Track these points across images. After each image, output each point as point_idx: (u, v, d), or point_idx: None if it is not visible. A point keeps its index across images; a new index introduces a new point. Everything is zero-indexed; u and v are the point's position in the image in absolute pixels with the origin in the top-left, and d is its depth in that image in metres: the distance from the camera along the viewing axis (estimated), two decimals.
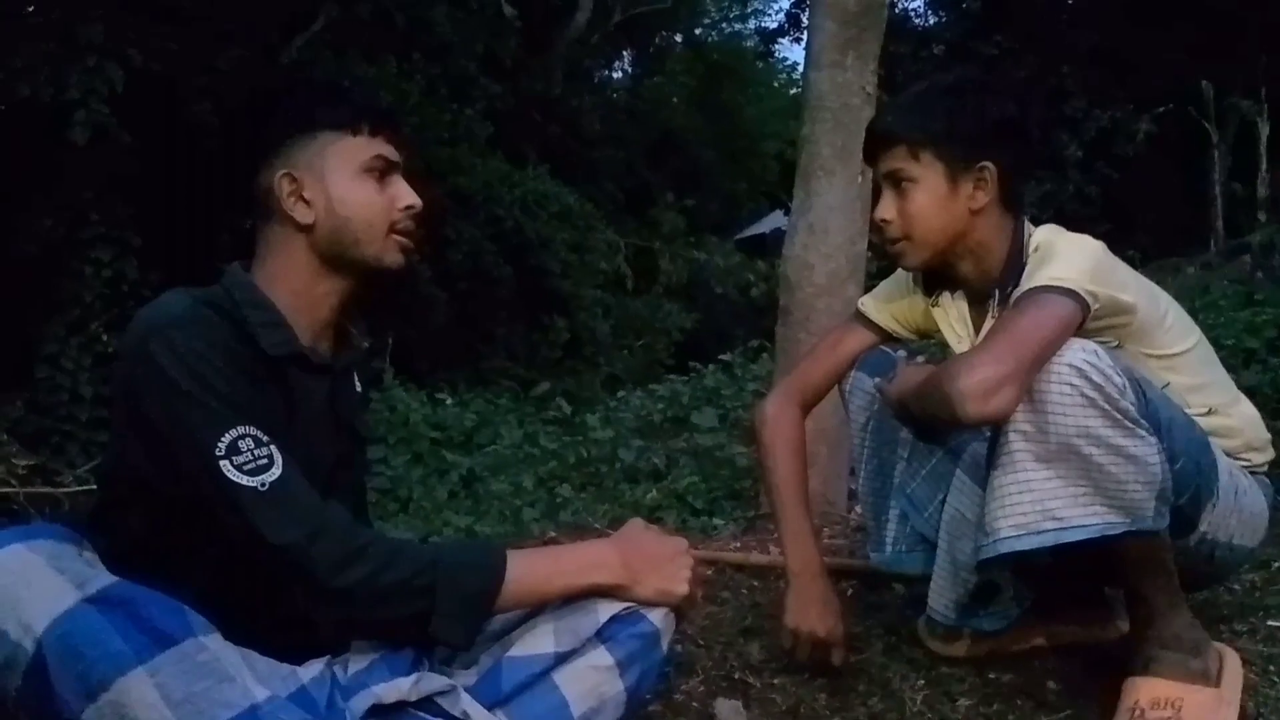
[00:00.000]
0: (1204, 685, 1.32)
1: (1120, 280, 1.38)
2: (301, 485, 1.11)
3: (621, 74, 19.86)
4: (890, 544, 1.63)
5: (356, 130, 1.25)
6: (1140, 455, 1.23)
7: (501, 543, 1.17)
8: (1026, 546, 1.25)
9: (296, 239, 1.24)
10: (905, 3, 15.82)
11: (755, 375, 5.96)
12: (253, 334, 1.18)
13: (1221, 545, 1.41)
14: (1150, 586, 1.33)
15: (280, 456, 1.10)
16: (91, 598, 0.99)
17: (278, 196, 1.23)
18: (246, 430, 1.10)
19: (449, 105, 10.57)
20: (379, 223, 1.24)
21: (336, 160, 1.24)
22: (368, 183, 1.25)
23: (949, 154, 1.43)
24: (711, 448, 4.29)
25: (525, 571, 1.16)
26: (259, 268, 1.25)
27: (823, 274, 2.73)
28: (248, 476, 1.08)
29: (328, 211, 1.23)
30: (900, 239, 1.48)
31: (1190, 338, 1.47)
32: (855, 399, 1.65)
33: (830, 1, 2.74)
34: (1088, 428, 1.22)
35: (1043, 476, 1.24)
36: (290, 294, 1.23)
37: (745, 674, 1.65)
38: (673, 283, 12.70)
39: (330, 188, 1.23)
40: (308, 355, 1.23)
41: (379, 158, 1.25)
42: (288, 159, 1.24)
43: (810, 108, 2.77)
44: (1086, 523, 1.24)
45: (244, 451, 1.09)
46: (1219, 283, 6.99)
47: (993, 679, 1.58)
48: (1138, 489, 1.24)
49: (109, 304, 7.05)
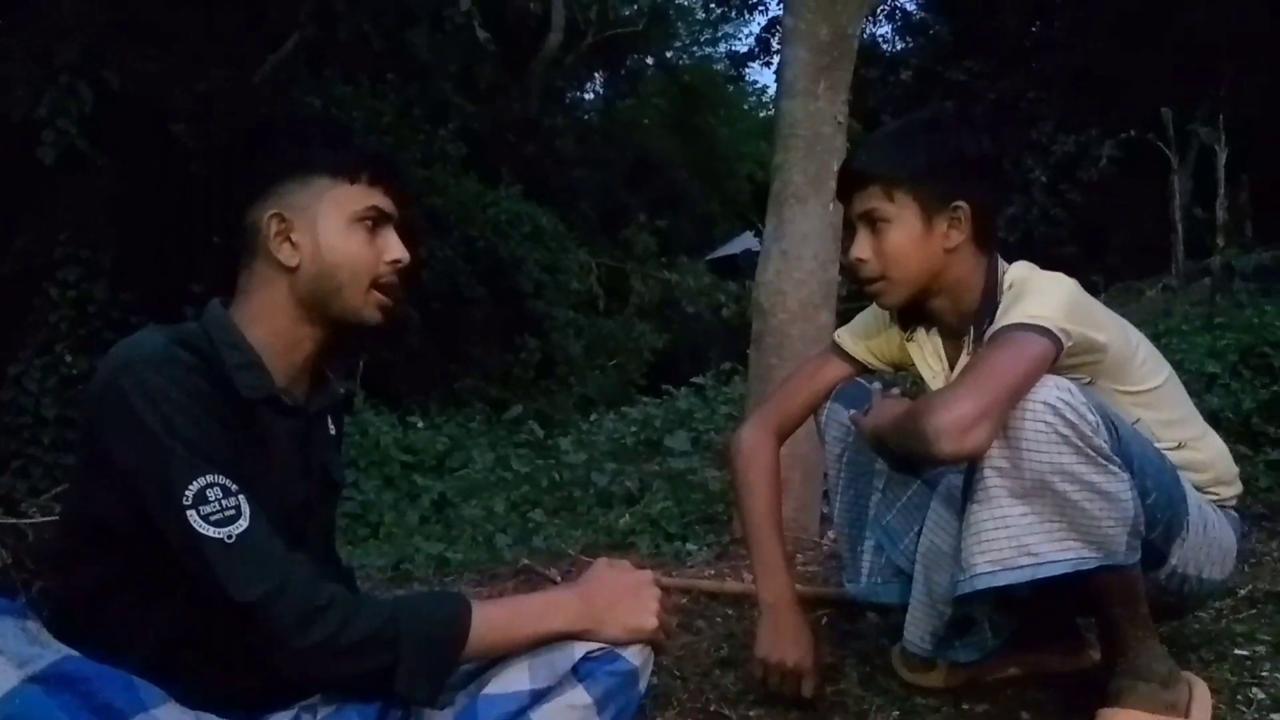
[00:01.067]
0: (1175, 716, 1.34)
1: (1094, 318, 1.40)
2: (267, 537, 1.09)
3: (594, 95, 19.96)
4: (866, 574, 1.64)
5: (355, 178, 1.23)
6: (1113, 491, 1.25)
7: (462, 595, 1.14)
8: (1003, 582, 1.26)
9: (279, 279, 1.22)
10: (874, 28, 16.06)
11: (728, 398, 5.97)
12: (228, 375, 1.16)
13: (1191, 578, 1.44)
14: (1122, 618, 1.35)
15: (248, 507, 1.08)
16: (35, 676, 0.94)
17: (264, 235, 1.21)
18: (215, 479, 1.07)
19: (424, 126, 10.56)
20: (363, 274, 1.23)
21: (330, 206, 1.22)
22: (358, 233, 1.23)
23: (924, 193, 1.44)
24: (684, 471, 4.28)
25: (488, 622, 1.14)
26: (239, 305, 1.23)
27: (795, 300, 2.75)
28: (214, 528, 1.05)
29: (313, 257, 1.21)
30: (877, 279, 1.48)
31: (1161, 374, 1.49)
32: (831, 430, 1.66)
33: (803, 31, 2.77)
34: (1062, 465, 1.24)
35: (1018, 512, 1.26)
36: (269, 334, 1.21)
37: (721, 705, 1.65)
38: (645, 303, 12.71)
39: (320, 233, 1.21)
40: (282, 398, 1.21)
41: (373, 208, 1.24)
42: (280, 198, 1.22)
43: (783, 135, 2.80)
44: (1061, 558, 1.25)
45: (211, 501, 1.06)
46: (1180, 306, 7.11)
47: (966, 709, 1.59)
48: (1110, 524, 1.26)
49: (74, 326, 6.94)
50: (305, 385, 1.28)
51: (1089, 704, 1.45)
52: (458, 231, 10.33)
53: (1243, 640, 1.68)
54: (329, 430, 1.35)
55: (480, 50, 10.10)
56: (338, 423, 1.38)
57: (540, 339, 10.69)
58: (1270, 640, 1.67)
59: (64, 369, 6.85)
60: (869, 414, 1.43)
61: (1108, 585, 1.32)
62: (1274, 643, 1.66)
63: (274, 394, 1.20)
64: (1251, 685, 1.52)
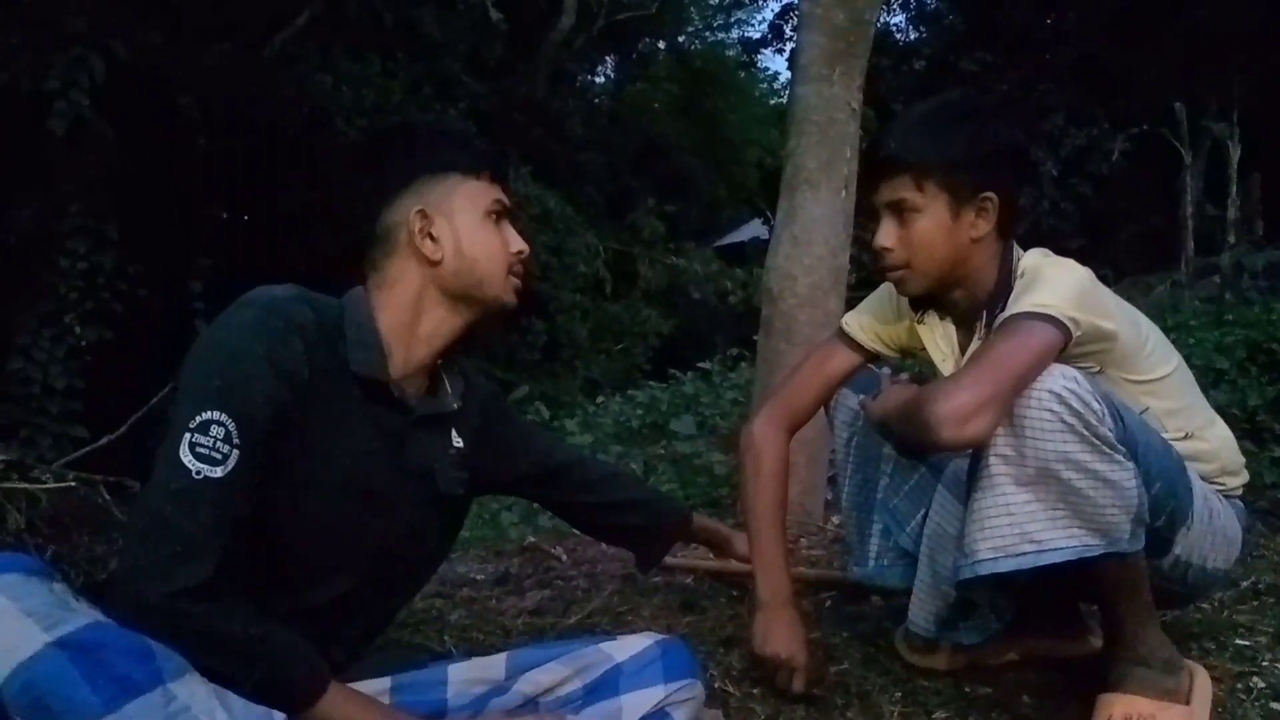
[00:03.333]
0: (1175, 703, 1.35)
1: (1103, 307, 1.40)
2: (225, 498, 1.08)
3: (604, 79, 19.87)
4: (873, 558, 1.66)
5: (480, 175, 1.30)
6: (1117, 480, 1.26)
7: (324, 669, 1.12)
8: (1005, 569, 1.27)
9: (419, 273, 1.27)
10: (888, 18, 15.98)
11: (734, 384, 5.99)
12: (345, 349, 1.20)
13: (1195, 568, 1.44)
14: (1125, 606, 1.36)
15: (236, 464, 1.08)
16: (61, 641, 0.95)
17: (409, 231, 1.26)
18: (226, 420, 1.08)
19: (433, 105, 10.53)
20: (501, 264, 1.30)
21: (465, 202, 1.29)
22: (490, 226, 1.30)
23: (954, 183, 1.43)
24: (690, 455, 4.30)
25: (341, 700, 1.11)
26: (374, 295, 1.27)
27: (805, 286, 2.75)
28: (194, 458, 1.07)
29: (455, 250, 1.27)
30: (901, 267, 1.48)
31: (1170, 363, 1.50)
32: (840, 414, 1.67)
33: (819, 16, 2.77)
34: (1066, 453, 1.24)
35: (1022, 499, 1.26)
36: (397, 323, 1.26)
37: (725, 683, 1.66)
38: (652, 288, 12.70)
39: (459, 228, 1.28)
40: (390, 387, 1.24)
41: (499, 202, 1.31)
42: (420, 196, 1.27)
43: (796, 121, 2.79)
44: (1064, 545, 1.26)
45: (210, 434, 1.08)
46: (1189, 302, 7.10)
47: (968, 692, 1.61)
48: (1114, 512, 1.26)
49: (84, 296, 6.98)
50: (420, 388, 1.30)
51: (1090, 689, 1.46)
52: None
53: (1244, 630, 1.69)
54: (452, 441, 1.35)
55: (490, 30, 10.07)
56: (472, 437, 1.37)
57: (546, 321, 10.69)
58: (1271, 631, 1.68)
59: (72, 339, 6.88)
60: (877, 400, 1.44)
61: (1111, 572, 1.33)
62: (1275, 633, 1.67)
63: (382, 378, 1.23)
64: (1252, 674, 1.54)
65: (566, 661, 1.28)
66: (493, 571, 2.43)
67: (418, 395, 1.30)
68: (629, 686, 1.26)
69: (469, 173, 1.29)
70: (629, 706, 1.24)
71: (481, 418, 1.44)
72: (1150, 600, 1.37)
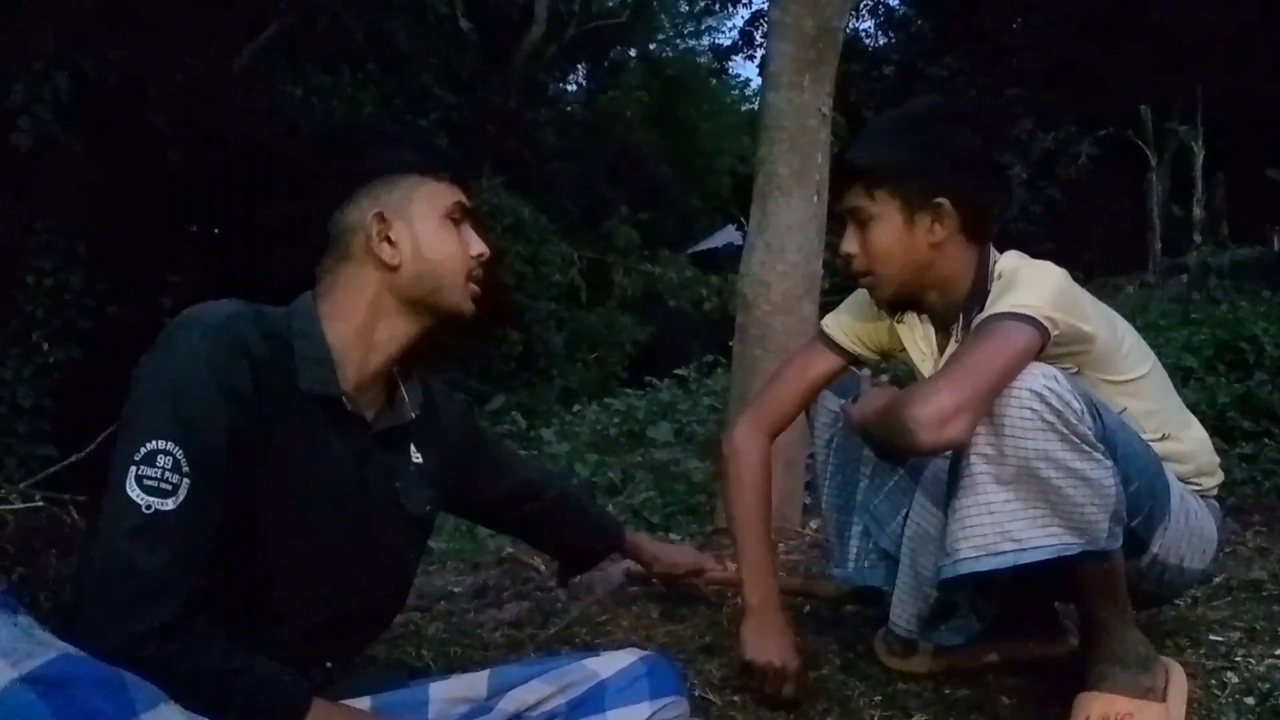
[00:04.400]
0: (1152, 700, 1.36)
1: (1081, 308, 1.41)
2: (185, 531, 1.03)
3: (576, 88, 19.89)
4: (853, 559, 1.66)
5: (440, 176, 1.25)
6: (1096, 478, 1.27)
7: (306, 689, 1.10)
8: (986, 567, 1.28)
9: (374, 278, 1.22)
10: (857, 24, 16.15)
11: (710, 390, 6.00)
12: (294, 365, 1.15)
13: (1172, 567, 1.45)
14: (1103, 605, 1.36)
15: (188, 495, 1.03)
16: (28, 677, 0.90)
17: (366, 234, 1.21)
18: (174, 449, 1.03)
19: (404, 117, 10.50)
20: (460, 269, 1.25)
21: (424, 205, 1.24)
22: (450, 229, 1.25)
23: (904, 191, 1.45)
24: (667, 462, 4.31)
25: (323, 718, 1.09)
26: (322, 303, 1.22)
27: (779, 292, 2.76)
28: (142, 492, 1.02)
29: (414, 255, 1.22)
30: (866, 273, 1.50)
31: (1146, 364, 1.51)
32: (820, 417, 1.67)
33: (788, 24, 2.78)
34: (1047, 451, 1.25)
35: (1002, 499, 1.27)
36: (349, 333, 1.20)
37: (706, 692, 1.65)
38: (627, 296, 12.71)
39: (419, 232, 1.23)
40: (344, 402, 1.19)
41: (459, 204, 1.26)
42: (377, 199, 1.22)
43: (767, 128, 2.80)
44: (1044, 543, 1.26)
45: (157, 466, 1.03)
46: (1157, 303, 7.19)
47: (948, 695, 1.61)
48: (1093, 511, 1.27)
49: (51, 314, 6.89)
50: (377, 400, 1.25)
51: (1067, 689, 1.47)
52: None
53: (1217, 627, 1.71)
54: (410, 457, 1.30)
55: (462, 41, 10.07)
56: (432, 452, 1.33)
57: (522, 331, 10.67)
58: (1244, 627, 1.70)
59: (39, 357, 6.80)
60: (856, 403, 1.45)
61: (1089, 571, 1.33)
62: (1247, 629, 1.69)
63: (334, 394, 1.18)
64: (1225, 670, 1.55)
65: (550, 679, 1.26)
66: (470, 584, 2.42)
67: (375, 408, 1.25)
68: (614, 703, 1.24)
69: (428, 174, 1.25)
70: None
71: (455, 436, 1.41)
72: (1127, 600, 1.38)
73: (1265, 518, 2.62)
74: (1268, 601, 1.87)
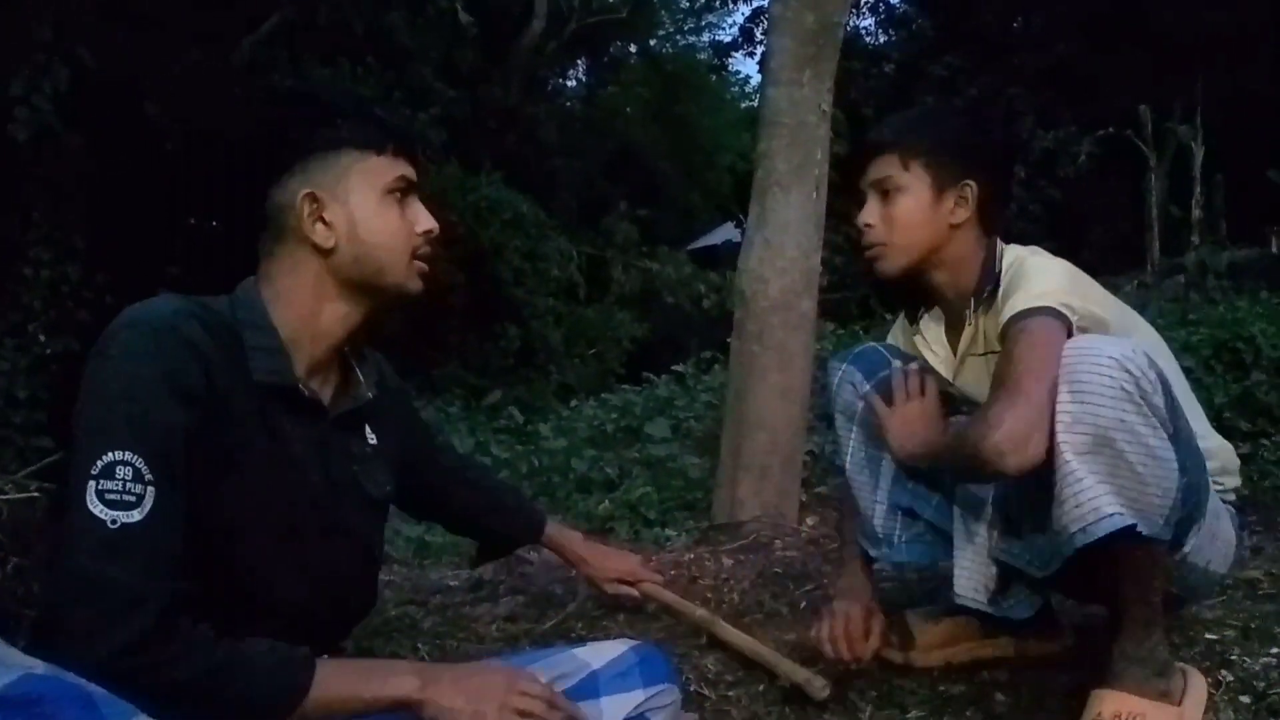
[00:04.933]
0: (1167, 704, 1.34)
1: (1094, 296, 1.43)
2: (153, 542, 1.00)
3: (576, 84, 19.90)
4: (884, 536, 1.63)
5: (381, 150, 1.19)
6: (1164, 458, 1.25)
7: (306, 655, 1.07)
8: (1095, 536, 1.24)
9: (312, 261, 1.17)
10: (857, 21, 16.12)
11: (708, 386, 5.99)
12: (245, 357, 1.11)
13: (1199, 570, 1.43)
14: (1136, 598, 1.33)
15: (154, 502, 1.00)
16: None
17: (297, 216, 1.16)
18: (132, 459, 1.00)
19: (404, 111, 10.48)
20: (402, 248, 1.20)
21: (361, 181, 1.18)
22: (391, 207, 1.19)
23: (937, 166, 1.50)
24: (664, 458, 4.30)
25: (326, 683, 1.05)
26: (264, 288, 1.18)
27: (777, 288, 2.76)
28: (105, 507, 0.98)
29: (350, 236, 1.17)
30: (880, 244, 1.53)
31: (1166, 363, 1.49)
32: (844, 392, 1.65)
33: (789, 20, 2.78)
34: (1124, 420, 1.23)
35: (1085, 469, 1.24)
36: (295, 319, 1.16)
37: (701, 686, 1.66)
38: (625, 292, 12.72)
39: (355, 211, 1.17)
40: (300, 388, 1.16)
41: (401, 179, 1.20)
42: (309, 177, 1.17)
43: (767, 124, 2.81)
44: (1122, 518, 1.24)
45: (117, 479, 0.99)
46: (1155, 302, 7.19)
47: (943, 691, 1.61)
48: (1156, 493, 1.25)
49: (48, 306, 6.87)
50: (330, 382, 1.22)
51: (1064, 686, 1.47)
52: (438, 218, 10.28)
53: (1213, 625, 1.70)
54: (366, 439, 1.27)
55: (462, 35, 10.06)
56: (386, 432, 1.31)
57: (520, 326, 10.67)
58: (1239, 625, 1.70)
59: (37, 349, 6.78)
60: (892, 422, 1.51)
61: (1133, 559, 1.30)
62: (1242, 628, 1.69)
63: (290, 383, 1.15)
64: (1220, 669, 1.55)
65: (541, 669, 1.25)
66: (467, 578, 2.42)
67: (331, 390, 1.22)
68: (608, 690, 1.24)
69: (366, 148, 1.18)
70: (609, 710, 1.22)
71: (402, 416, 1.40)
72: (1159, 600, 1.35)
73: (1261, 517, 2.63)
74: (1263, 600, 1.88)
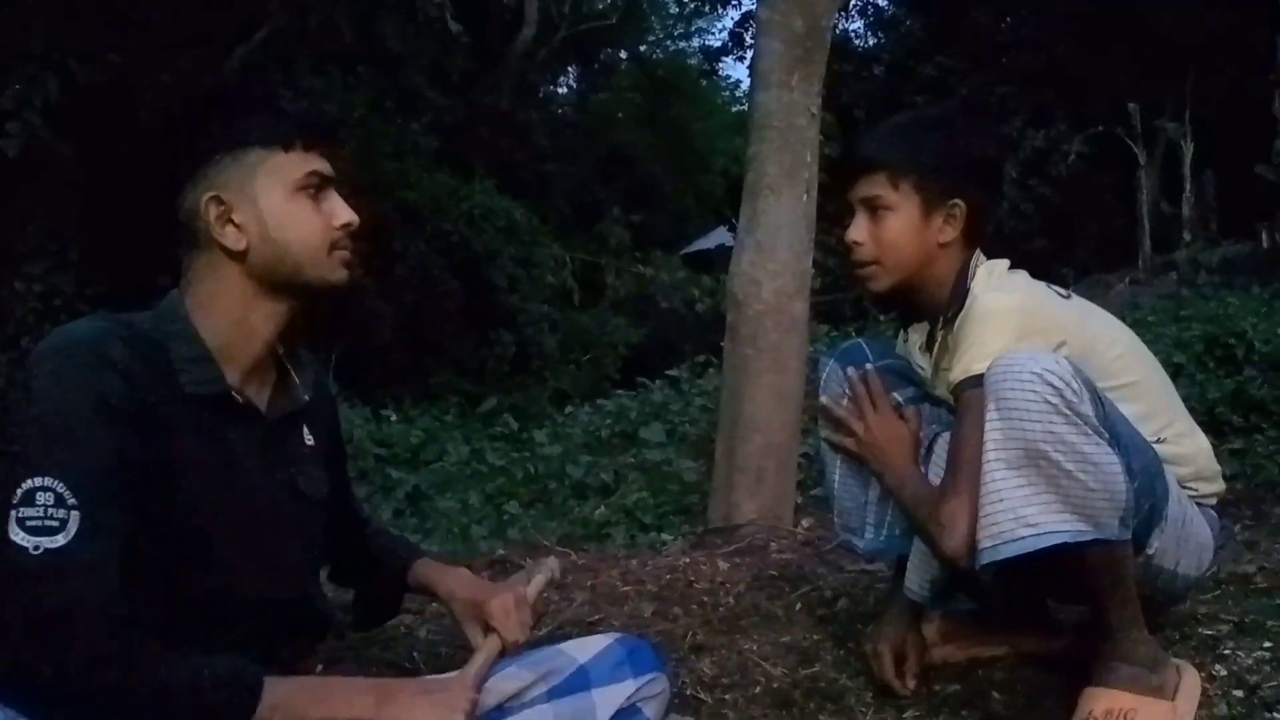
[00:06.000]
0: (1159, 699, 1.35)
1: (1043, 326, 1.41)
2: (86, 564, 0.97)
3: (567, 89, 19.92)
4: (874, 526, 1.64)
5: (289, 145, 1.15)
6: (1103, 463, 1.26)
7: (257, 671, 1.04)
8: (1005, 555, 1.27)
9: (228, 266, 1.15)
10: (847, 24, 16.18)
11: (703, 390, 6.00)
12: (174, 370, 1.09)
13: (1166, 571, 1.44)
14: (1111, 601, 1.35)
15: (79, 525, 0.97)
16: None
17: (205, 220, 1.13)
18: (53, 484, 0.98)
19: (396, 119, 10.50)
20: (318, 244, 1.16)
21: (268, 180, 1.15)
22: (303, 202, 1.16)
23: (927, 187, 1.48)
24: (659, 463, 4.31)
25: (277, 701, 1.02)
26: (188, 297, 1.16)
27: (770, 291, 2.76)
28: (26, 534, 0.96)
29: (262, 237, 1.14)
30: (870, 263, 1.52)
31: (1140, 370, 1.50)
32: (830, 387, 1.65)
33: (777, 23, 2.79)
34: (1052, 432, 1.25)
35: (1014, 484, 1.27)
36: (222, 325, 1.15)
37: (697, 690, 1.66)
38: (619, 297, 12.74)
39: (263, 211, 1.14)
40: (233, 395, 1.14)
41: (313, 174, 1.17)
42: (213, 179, 1.14)
43: (757, 127, 2.81)
44: (1059, 529, 1.26)
45: (37, 505, 0.97)
46: (1148, 299, 7.22)
47: (939, 690, 1.61)
48: (1102, 499, 1.27)
49: (41, 319, 6.86)
50: (265, 386, 1.21)
51: (1060, 685, 1.48)
52: (431, 225, 10.29)
53: (1206, 620, 1.71)
54: (304, 440, 1.26)
55: (453, 42, 10.06)
56: (320, 433, 1.30)
57: (514, 332, 10.68)
58: (1233, 620, 1.70)
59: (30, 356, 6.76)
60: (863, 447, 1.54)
61: (1099, 562, 1.32)
62: (1236, 622, 1.69)
63: (223, 391, 1.13)
64: (1215, 663, 1.55)
65: (529, 666, 1.25)
66: None
67: (267, 393, 1.21)
68: (599, 683, 1.24)
69: (272, 145, 1.14)
70: (601, 702, 1.21)
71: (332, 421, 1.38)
72: (1136, 597, 1.36)
73: (1254, 512, 2.63)
74: (1256, 595, 1.88)
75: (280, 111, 1.18)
